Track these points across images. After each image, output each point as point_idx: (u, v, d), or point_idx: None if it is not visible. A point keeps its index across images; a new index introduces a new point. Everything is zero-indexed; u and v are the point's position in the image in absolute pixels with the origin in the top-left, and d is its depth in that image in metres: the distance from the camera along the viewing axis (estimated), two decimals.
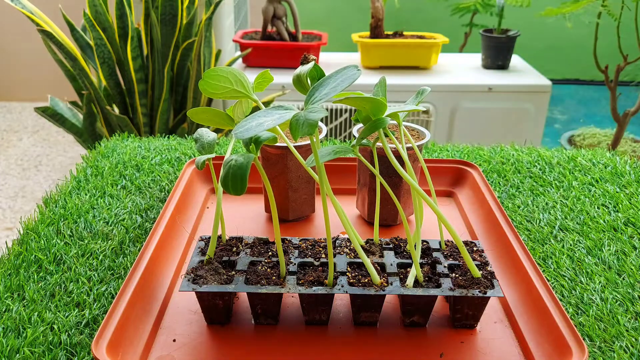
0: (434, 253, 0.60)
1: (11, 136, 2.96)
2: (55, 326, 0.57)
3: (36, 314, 0.58)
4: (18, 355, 0.53)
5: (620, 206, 0.81)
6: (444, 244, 0.62)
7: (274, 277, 0.56)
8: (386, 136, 0.70)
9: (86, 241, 0.71)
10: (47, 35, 1.56)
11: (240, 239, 0.62)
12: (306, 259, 0.58)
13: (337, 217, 0.72)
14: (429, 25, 3.49)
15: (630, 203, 0.82)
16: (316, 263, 0.58)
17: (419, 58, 2.12)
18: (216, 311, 0.56)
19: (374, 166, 0.62)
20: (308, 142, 0.71)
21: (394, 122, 0.60)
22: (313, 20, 3.50)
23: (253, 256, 0.59)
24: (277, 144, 0.70)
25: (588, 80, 3.88)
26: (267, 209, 0.78)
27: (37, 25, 1.56)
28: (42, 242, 0.70)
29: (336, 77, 0.49)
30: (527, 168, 0.93)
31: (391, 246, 0.61)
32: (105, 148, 1.00)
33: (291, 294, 0.60)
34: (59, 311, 0.59)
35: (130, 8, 1.72)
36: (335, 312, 0.59)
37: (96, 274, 0.65)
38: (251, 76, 0.54)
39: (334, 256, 0.59)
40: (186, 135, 1.16)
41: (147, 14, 1.69)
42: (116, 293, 0.61)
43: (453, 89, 2.01)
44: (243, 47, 2.07)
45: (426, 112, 2.02)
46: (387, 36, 2.17)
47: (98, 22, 1.67)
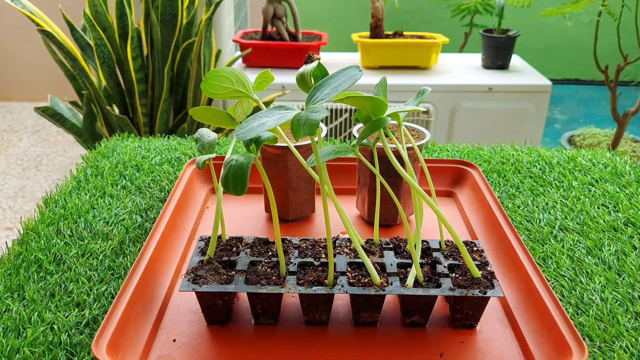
0: (434, 253, 0.60)
1: (11, 136, 2.96)
2: (55, 326, 0.57)
3: (36, 314, 0.58)
4: (18, 355, 0.53)
5: (620, 206, 0.81)
6: (444, 244, 0.62)
7: (274, 277, 0.56)
8: (386, 136, 0.70)
9: (86, 241, 0.71)
10: (47, 35, 1.56)
11: (240, 239, 0.62)
12: (306, 259, 0.58)
13: (338, 217, 0.72)
14: (429, 25, 3.50)
15: (630, 203, 0.82)
16: (316, 263, 0.58)
17: (419, 58, 2.12)
18: (216, 311, 0.56)
19: (374, 166, 0.62)
20: (308, 142, 0.71)
21: (394, 122, 0.60)
22: (313, 20, 3.50)
23: (253, 256, 0.59)
24: (277, 144, 0.70)
25: (588, 80, 3.88)
26: (267, 209, 0.78)
27: (37, 25, 1.56)
28: (42, 242, 0.70)
29: (338, 77, 0.49)
30: (527, 168, 0.93)
31: (391, 246, 0.61)
32: (105, 148, 1.00)
33: (291, 294, 0.60)
34: (59, 311, 0.59)
35: (130, 8, 1.72)
36: (335, 312, 0.59)
37: (96, 274, 0.65)
38: (251, 76, 0.54)
39: (334, 256, 0.59)
40: (186, 135, 1.16)
41: (147, 14, 1.69)
42: (116, 293, 0.61)
43: (453, 89, 2.01)
44: (243, 47, 2.07)
45: (426, 112, 2.02)
46: (387, 36, 2.17)
47: (98, 22, 1.67)
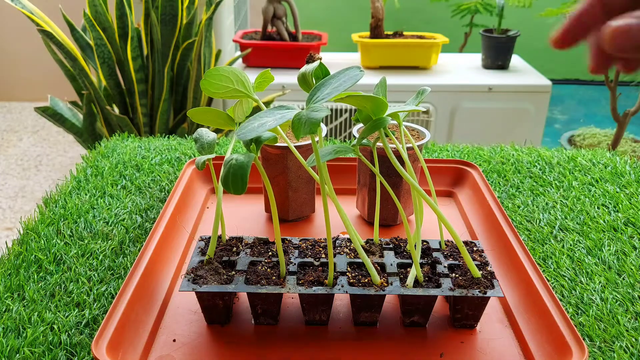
0: (434, 253, 0.60)
1: (11, 136, 2.96)
2: (55, 326, 0.57)
3: (36, 314, 0.58)
4: (18, 355, 0.53)
5: (620, 206, 0.81)
6: (444, 244, 0.62)
7: (274, 277, 0.56)
8: (386, 136, 0.70)
9: (86, 241, 0.71)
10: (47, 35, 1.56)
11: (240, 239, 0.62)
12: (306, 259, 0.58)
13: (338, 217, 0.72)
14: (429, 25, 3.49)
15: (630, 203, 0.82)
16: (316, 263, 0.58)
17: (419, 58, 2.12)
18: (216, 311, 0.56)
19: (374, 166, 0.62)
20: (308, 142, 0.71)
21: (394, 122, 0.60)
22: (313, 20, 3.50)
23: (253, 256, 0.59)
24: (277, 144, 0.70)
25: (588, 80, 3.88)
26: (267, 209, 0.78)
27: (37, 25, 1.56)
28: (42, 242, 0.70)
29: (339, 77, 0.48)
30: (527, 168, 0.93)
31: (391, 246, 0.61)
32: (105, 148, 1.00)
33: (291, 294, 0.60)
34: (59, 311, 0.59)
35: (130, 8, 1.72)
36: (335, 312, 0.59)
37: (96, 274, 0.65)
38: (251, 76, 0.54)
39: (334, 256, 0.59)
40: (186, 135, 1.16)
41: (147, 14, 1.69)
42: (116, 293, 0.61)
43: (453, 89, 2.01)
44: (243, 47, 2.07)
45: (426, 112, 2.02)
46: (387, 36, 2.17)
47: (98, 22, 1.67)
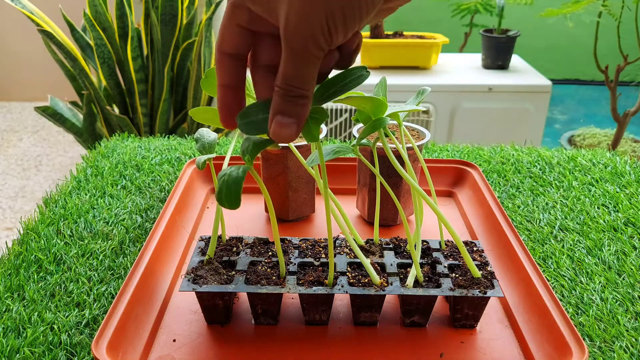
0: (434, 253, 0.60)
1: (11, 136, 2.96)
2: (55, 326, 0.57)
3: (36, 314, 0.58)
4: (18, 355, 0.53)
5: (620, 206, 0.81)
6: (444, 244, 0.62)
7: (274, 277, 0.56)
8: (386, 136, 0.70)
9: (86, 241, 0.71)
10: (47, 35, 1.56)
11: (240, 239, 0.62)
12: (306, 259, 0.58)
13: (338, 217, 0.72)
14: (429, 25, 3.50)
15: (630, 203, 0.82)
16: (316, 263, 0.58)
17: (419, 58, 2.12)
18: (216, 311, 0.56)
19: (374, 166, 0.62)
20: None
21: (394, 122, 0.60)
22: None
23: (253, 256, 0.59)
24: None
25: (588, 80, 3.89)
26: (267, 209, 0.78)
27: (37, 25, 1.56)
28: (42, 242, 0.70)
29: (343, 78, 0.47)
30: (527, 168, 0.93)
31: (391, 246, 0.61)
32: (105, 148, 1.00)
33: (291, 294, 0.60)
34: (59, 311, 0.59)
35: (130, 8, 1.72)
36: (335, 312, 0.59)
37: (96, 274, 0.65)
38: None
39: (334, 256, 0.59)
40: (186, 135, 1.16)
41: (147, 14, 1.69)
42: (116, 293, 0.61)
43: (453, 89, 2.01)
44: None
45: (426, 112, 2.02)
46: (387, 36, 2.17)
47: (98, 22, 1.67)
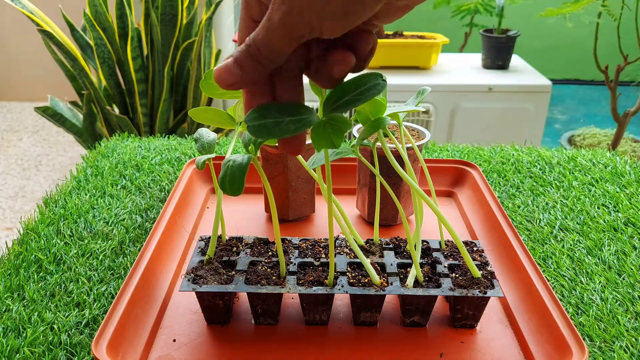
0: (434, 253, 0.60)
1: (11, 136, 2.96)
2: (55, 326, 0.57)
3: (36, 314, 0.58)
4: (18, 355, 0.53)
5: (620, 206, 0.81)
6: (444, 244, 0.62)
7: (274, 277, 0.56)
8: (386, 136, 0.70)
9: (86, 241, 0.71)
10: (47, 35, 1.56)
11: (240, 239, 0.62)
12: (306, 259, 0.58)
13: (338, 217, 0.72)
14: (429, 25, 3.49)
15: (630, 203, 0.82)
16: (316, 263, 0.58)
17: (419, 58, 2.12)
18: (216, 311, 0.56)
19: (374, 166, 0.62)
20: (309, 142, 0.71)
21: (394, 122, 0.60)
22: None
23: (253, 256, 0.59)
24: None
25: (588, 80, 3.88)
26: (267, 209, 0.78)
27: (37, 25, 1.56)
28: (42, 242, 0.70)
29: (356, 86, 0.43)
30: (527, 168, 0.93)
31: (391, 246, 0.61)
32: (105, 148, 1.00)
33: (291, 294, 0.60)
34: (59, 311, 0.59)
35: (130, 8, 1.72)
36: (335, 312, 0.59)
37: (96, 274, 0.65)
38: None
39: (334, 256, 0.59)
40: (186, 135, 1.16)
41: (147, 14, 1.69)
42: (116, 293, 0.61)
43: (453, 89, 2.01)
44: None
45: (426, 112, 2.02)
46: (387, 36, 2.17)
47: (98, 22, 1.67)
